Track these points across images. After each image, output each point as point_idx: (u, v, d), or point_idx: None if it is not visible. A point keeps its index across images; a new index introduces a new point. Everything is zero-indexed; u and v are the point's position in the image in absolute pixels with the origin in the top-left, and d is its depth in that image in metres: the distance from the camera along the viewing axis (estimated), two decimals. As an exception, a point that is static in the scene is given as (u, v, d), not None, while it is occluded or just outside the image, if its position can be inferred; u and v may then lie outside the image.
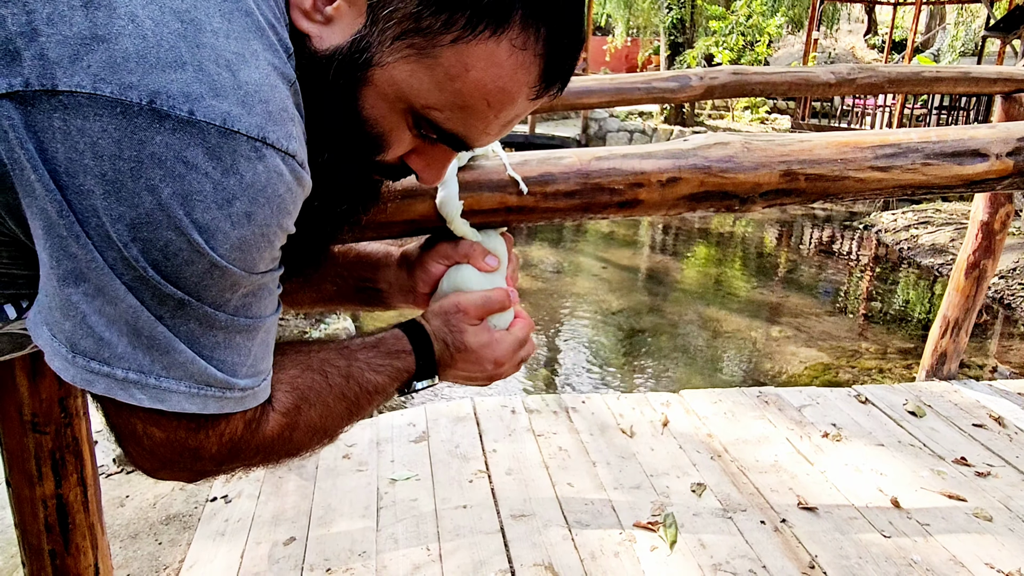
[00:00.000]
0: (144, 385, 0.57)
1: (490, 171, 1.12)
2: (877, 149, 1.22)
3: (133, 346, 0.55)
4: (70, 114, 0.48)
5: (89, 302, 0.53)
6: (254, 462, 0.70)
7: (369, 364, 0.78)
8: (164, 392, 0.57)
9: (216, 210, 0.52)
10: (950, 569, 2.05)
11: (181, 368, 0.57)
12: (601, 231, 8.85)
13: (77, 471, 1.16)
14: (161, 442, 0.62)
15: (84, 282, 0.53)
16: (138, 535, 2.25)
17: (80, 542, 1.19)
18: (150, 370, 0.56)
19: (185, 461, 0.64)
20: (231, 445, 0.65)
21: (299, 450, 0.73)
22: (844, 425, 2.82)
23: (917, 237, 8.24)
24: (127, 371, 0.56)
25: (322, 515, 2.24)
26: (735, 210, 1.25)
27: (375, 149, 0.68)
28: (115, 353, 0.55)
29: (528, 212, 1.12)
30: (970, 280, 3.08)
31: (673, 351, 5.23)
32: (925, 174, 1.22)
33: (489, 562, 2.03)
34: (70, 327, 0.54)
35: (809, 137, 1.25)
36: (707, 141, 1.23)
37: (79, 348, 0.55)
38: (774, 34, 14.74)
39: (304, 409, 0.71)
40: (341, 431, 0.78)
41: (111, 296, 0.53)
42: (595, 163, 1.16)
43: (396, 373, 0.80)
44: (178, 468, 0.65)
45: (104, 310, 0.54)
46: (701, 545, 2.12)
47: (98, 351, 0.55)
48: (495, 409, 2.88)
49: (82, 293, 0.53)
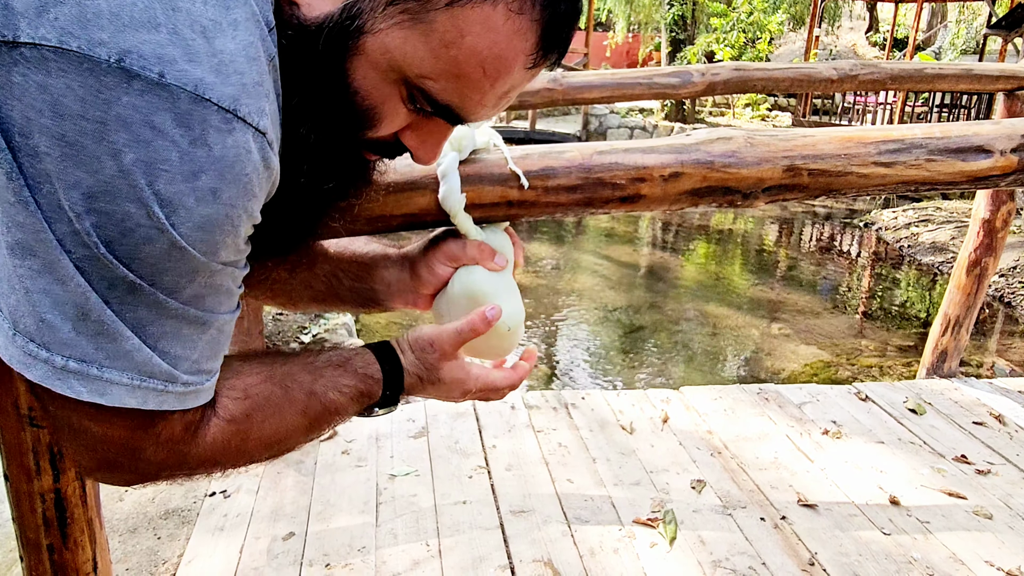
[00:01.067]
0: (85, 376, 0.53)
1: (491, 165, 1.11)
2: (880, 145, 1.21)
3: (77, 332, 0.52)
4: (31, 68, 0.45)
5: (35, 279, 0.50)
6: (198, 469, 0.66)
7: (335, 383, 0.75)
8: (105, 384, 0.54)
9: (181, 182, 0.49)
10: (950, 567, 2.05)
11: (125, 357, 0.54)
12: (601, 227, 8.84)
13: (75, 465, 1.16)
14: (98, 439, 0.58)
15: (31, 256, 0.49)
16: (137, 530, 2.25)
17: (78, 537, 1.18)
18: (93, 359, 0.53)
19: (122, 461, 0.61)
20: (169, 447, 0.62)
21: (248, 460, 0.70)
22: (844, 422, 2.82)
23: (917, 235, 8.23)
24: (67, 359, 0.52)
25: (321, 510, 2.24)
26: (738, 205, 1.24)
27: (366, 123, 0.65)
28: (57, 338, 0.51)
29: (530, 206, 1.11)
30: (971, 278, 3.08)
31: (673, 348, 5.23)
32: (929, 170, 1.22)
33: (488, 558, 2.02)
34: (14, 301, 0.51)
35: (812, 132, 1.24)
36: (710, 136, 1.22)
37: (20, 326, 0.51)
38: (775, 31, 14.71)
39: (257, 419, 0.68)
40: (296, 447, 0.76)
41: (59, 275, 0.50)
42: (597, 157, 1.15)
43: (359, 397, 0.77)
44: (115, 469, 0.62)
45: (51, 290, 0.50)
46: (701, 542, 2.12)
47: (39, 333, 0.51)
48: (494, 405, 2.87)
49: (28, 268, 0.49)
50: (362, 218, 1.01)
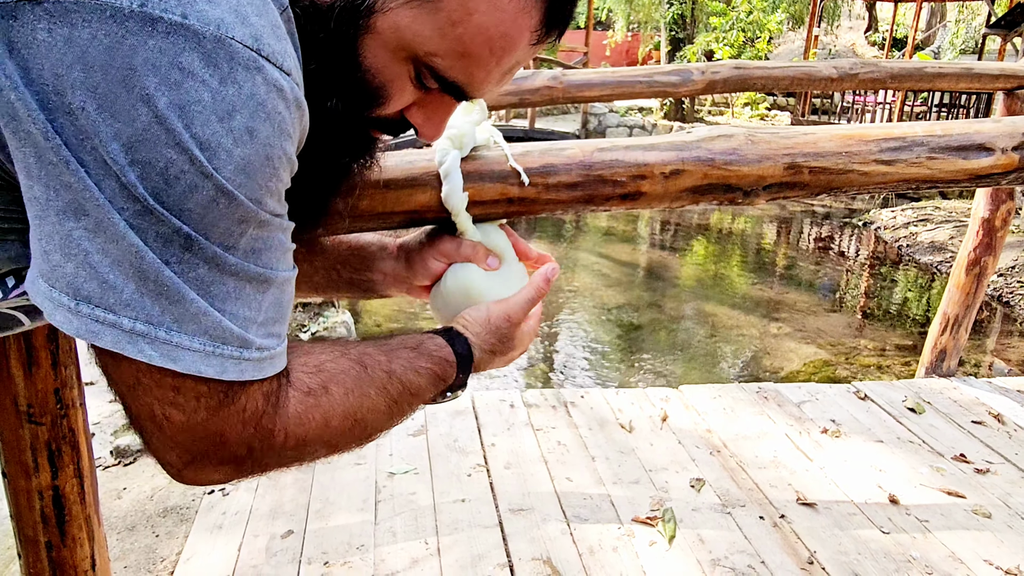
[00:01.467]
0: (154, 339, 0.51)
1: (492, 162, 1.10)
2: (882, 143, 1.21)
3: (140, 292, 0.50)
4: (56, 23, 0.45)
5: (91, 239, 0.49)
6: (284, 450, 0.62)
7: (412, 364, 0.74)
8: (176, 349, 0.52)
9: (216, 123, 0.49)
10: (949, 566, 2.05)
11: (193, 321, 0.52)
12: (600, 227, 8.84)
13: (73, 462, 1.15)
14: (181, 427, 0.55)
15: (84, 216, 0.48)
16: (135, 527, 2.24)
17: (76, 534, 1.18)
18: (160, 321, 0.51)
19: (211, 451, 0.58)
20: (256, 425, 0.58)
21: (333, 442, 0.66)
22: (843, 421, 2.82)
23: (916, 234, 8.23)
24: (135, 320, 0.50)
25: (320, 508, 2.23)
26: (738, 203, 1.24)
27: (376, 101, 0.66)
28: (121, 299, 0.50)
29: (530, 204, 1.11)
30: (971, 277, 3.08)
31: (671, 347, 5.23)
32: (930, 168, 1.21)
33: (487, 556, 2.02)
34: (72, 269, 0.49)
35: (813, 130, 1.24)
36: (711, 133, 1.22)
37: (83, 293, 0.49)
38: (774, 30, 14.72)
39: (336, 393, 0.65)
40: (381, 431, 0.72)
41: (112, 234, 0.48)
42: (598, 154, 1.14)
43: (435, 380, 0.76)
44: (204, 462, 0.58)
45: (107, 249, 0.49)
46: (700, 540, 2.12)
47: (103, 296, 0.50)
48: (494, 403, 2.87)
49: (83, 229, 0.48)
50: (365, 214, 1.01)
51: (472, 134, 1.09)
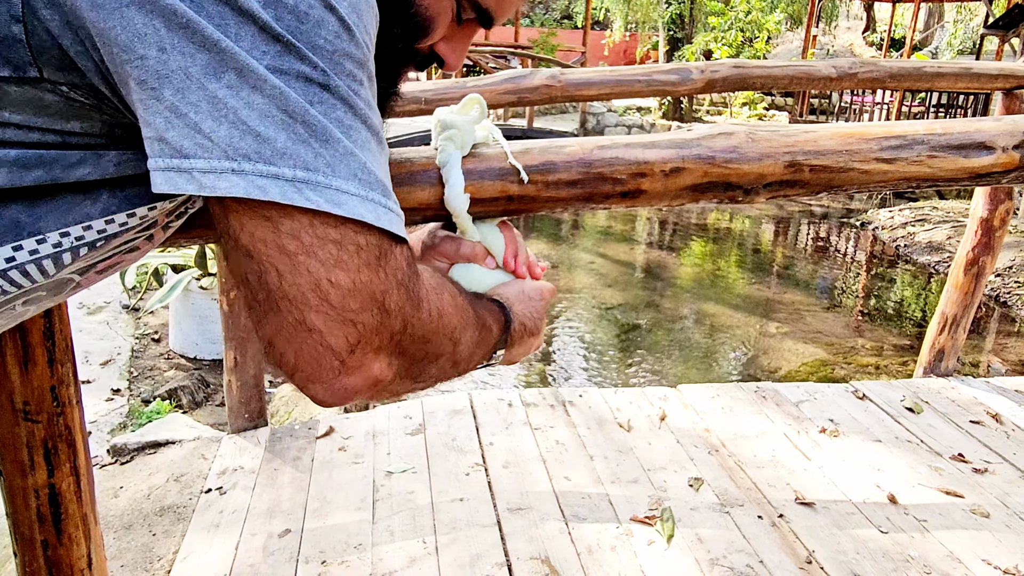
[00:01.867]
0: (316, 184, 0.50)
1: (491, 159, 1.10)
2: (882, 141, 1.20)
3: (292, 139, 0.50)
4: None
5: (235, 95, 0.49)
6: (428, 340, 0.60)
7: (483, 307, 0.75)
8: (337, 193, 0.51)
9: None
10: (947, 565, 2.05)
11: (343, 162, 0.52)
12: (598, 226, 8.83)
13: (70, 460, 1.15)
14: (349, 291, 0.52)
15: (225, 72, 0.49)
16: (132, 526, 2.24)
17: (73, 532, 1.17)
18: (314, 166, 0.50)
19: (376, 324, 0.54)
20: (407, 288, 0.56)
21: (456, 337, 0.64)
22: (842, 421, 2.82)
23: (914, 234, 8.24)
24: (294, 168, 0.50)
25: (318, 507, 2.23)
26: (738, 201, 1.24)
27: (422, 33, 0.70)
28: (277, 149, 0.50)
29: (529, 202, 1.10)
30: (969, 277, 3.08)
31: (669, 346, 5.23)
32: (931, 167, 1.21)
33: (486, 555, 2.02)
34: (226, 130, 0.49)
35: (814, 128, 1.24)
36: (711, 131, 1.22)
37: (241, 151, 0.49)
38: (773, 30, 14.73)
39: (447, 292, 0.64)
40: (466, 361, 0.69)
41: (255, 83, 0.49)
42: (598, 152, 1.14)
43: (496, 326, 0.76)
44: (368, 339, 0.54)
45: (253, 101, 0.49)
46: (698, 540, 2.11)
47: (260, 150, 0.49)
48: (492, 402, 2.86)
49: (226, 86, 0.49)
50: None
51: (472, 132, 1.09)
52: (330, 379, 0.54)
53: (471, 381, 4.44)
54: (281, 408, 3.23)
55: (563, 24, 27.38)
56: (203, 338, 3.81)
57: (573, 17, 27.90)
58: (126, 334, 4.07)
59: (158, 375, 3.68)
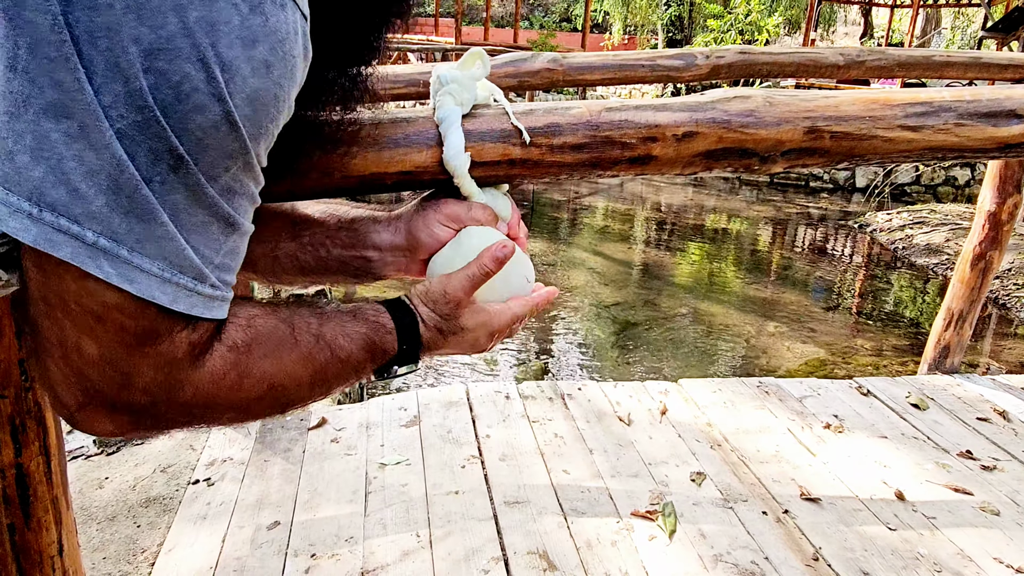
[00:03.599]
0: (115, 256, 0.48)
1: (492, 120, 1.03)
2: (907, 107, 1.14)
3: (110, 206, 0.47)
4: None
5: (69, 144, 0.45)
6: (184, 409, 0.58)
7: (343, 329, 0.68)
8: (134, 270, 0.49)
9: (240, 48, 0.48)
10: (958, 563, 1.98)
11: (156, 244, 0.49)
12: (595, 225, 8.78)
13: (39, 439, 1.07)
14: (91, 360, 0.51)
15: (67, 119, 0.45)
16: (116, 517, 2.16)
17: (42, 516, 1.10)
18: (123, 239, 0.48)
19: (112, 393, 0.53)
20: (167, 374, 0.54)
21: (247, 406, 0.62)
22: (846, 416, 2.76)
23: (912, 237, 8.21)
24: (98, 235, 0.47)
25: (308, 499, 2.15)
26: (754, 170, 1.17)
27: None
28: (88, 211, 0.47)
29: (533, 166, 1.03)
30: (975, 272, 3.02)
31: (667, 345, 5.16)
32: (957, 135, 1.15)
33: (481, 549, 1.95)
34: (41, 173, 0.46)
35: (835, 94, 1.17)
36: (726, 94, 1.15)
37: (47, 199, 0.46)
38: (772, 33, 14.71)
39: (257, 353, 0.61)
40: (301, 401, 0.66)
41: (95, 141, 0.45)
42: (606, 114, 1.07)
43: (370, 347, 0.70)
44: (103, 406, 0.54)
45: (84, 157, 0.46)
46: (701, 535, 2.04)
47: (69, 205, 0.46)
48: (489, 394, 2.79)
49: (63, 132, 0.45)
50: (354, 176, 0.93)
51: (473, 89, 1.02)
52: (67, 419, 0.55)
53: (469, 371, 4.37)
54: (272, 400, 3.15)
55: (562, 27, 27.38)
56: (194, 330, 3.74)
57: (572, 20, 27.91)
58: (115, 325, 4.00)
59: (147, 367, 3.61)
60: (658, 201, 10.47)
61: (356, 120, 0.79)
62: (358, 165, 0.93)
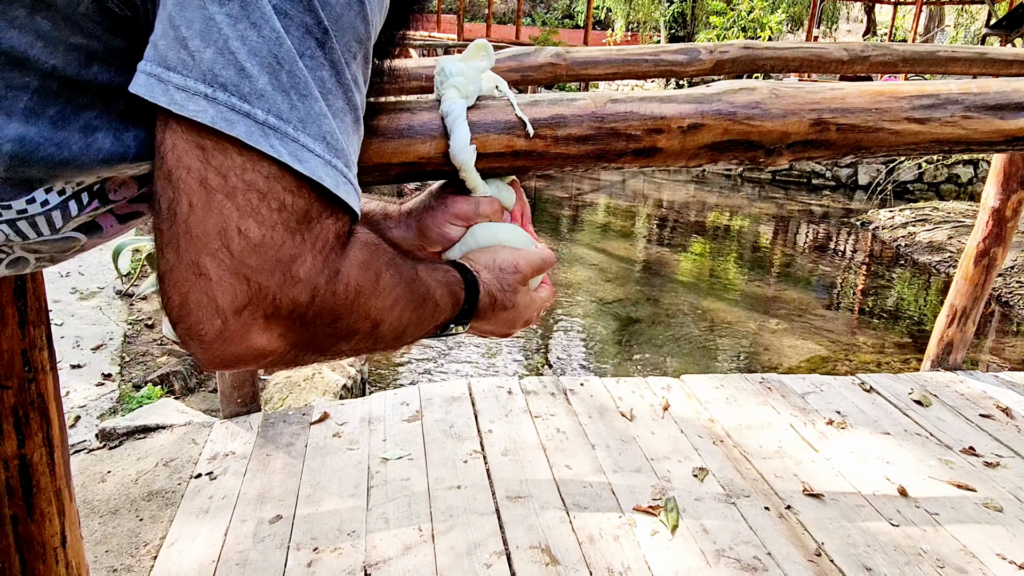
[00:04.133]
0: (283, 135, 0.48)
1: (497, 111, 1.03)
2: (914, 99, 1.13)
3: (273, 85, 0.48)
4: None
5: (233, 24, 0.47)
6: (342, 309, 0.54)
7: (432, 274, 0.67)
8: (302, 149, 0.49)
9: None
10: (961, 559, 1.98)
11: (317, 124, 0.50)
12: (597, 222, 8.77)
13: (42, 430, 1.07)
14: (255, 244, 0.48)
15: (228, 1, 0.47)
16: (118, 511, 2.16)
17: (45, 508, 1.10)
18: (288, 118, 0.48)
19: (275, 288, 0.49)
20: (324, 259, 0.52)
21: (381, 316, 0.58)
22: (849, 413, 2.75)
23: (914, 234, 8.19)
24: (267, 114, 0.48)
25: (310, 493, 2.15)
26: (760, 163, 1.17)
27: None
28: (255, 89, 0.47)
29: (537, 157, 1.03)
30: (979, 268, 3.01)
31: (669, 342, 5.16)
32: (964, 128, 1.14)
33: (484, 544, 1.94)
34: (211, 55, 0.47)
35: (841, 86, 1.17)
36: (732, 86, 1.14)
37: (220, 80, 0.47)
38: (775, 30, 14.68)
39: (383, 259, 0.59)
40: (406, 329, 0.63)
41: (256, 19, 0.47)
42: (611, 106, 1.07)
43: (449, 297, 0.69)
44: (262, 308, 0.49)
45: (247, 36, 0.47)
46: (704, 530, 2.04)
47: (239, 84, 0.47)
48: (491, 389, 2.79)
49: (225, 14, 0.47)
50: (361, 167, 0.93)
51: (478, 82, 1.01)
52: (210, 340, 0.49)
53: (469, 366, 4.37)
54: (275, 395, 3.15)
55: (564, 23, 27.33)
56: (196, 325, 3.74)
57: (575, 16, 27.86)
58: (119, 320, 3.99)
59: (150, 361, 3.60)
60: (660, 198, 10.46)
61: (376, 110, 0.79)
62: (363, 156, 0.93)
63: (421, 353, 4.55)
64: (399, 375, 4.24)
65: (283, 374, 3.31)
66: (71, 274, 4.59)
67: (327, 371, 3.26)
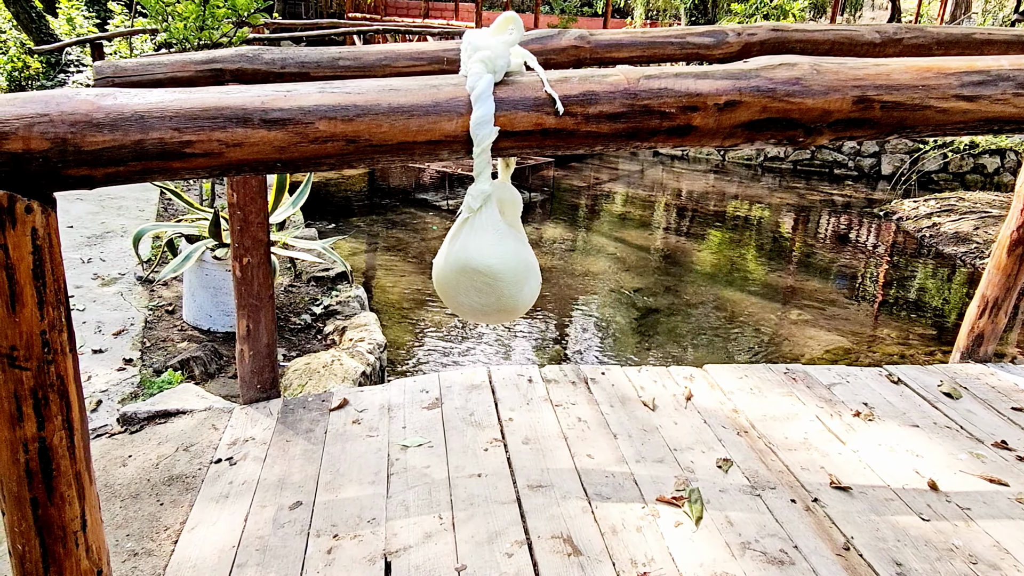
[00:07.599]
0: None
1: (526, 87, 0.99)
2: (963, 76, 1.08)
3: None
4: None
5: None
6: None
7: None
8: None
9: None
10: (994, 555, 1.93)
11: None
12: (616, 212, 8.70)
13: (62, 413, 1.05)
14: None
15: None
16: (139, 495, 2.16)
17: (65, 491, 1.08)
18: None
19: None
20: None
21: None
22: (876, 404, 2.69)
23: (939, 225, 8.04)
24: None
25: (330, 480, 2.14)
26: (798, 142, 1.12)
27: None
28: None
29: (567, 136, 0.99)
30: (1012, 258, 2.93)
31: (688, 332, 5.10)
32: (1016, 106, 1.09)
33: (505, 532, 1.92)
34: None
35: (886, 62, 1.11)
36: (771, 61, 1.10)
37: None
38: (798, 17, 14.43)
39: None
40: None
41: None
42: (644, 82, 1.02)
43: None
44: None
45: None
46: (728, 522, 2.00)
47: None
48: (511, 377, 2.76)
49: None
50: (383, 145, 0.90)
51: (506, 56, 0.98)
52: None
53: (488, 353, 4.35)
54: (295, 381, 3.14)
55: (584, 11, 27.06)
56: (217, 310, 3.74)
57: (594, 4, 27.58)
58: (140, 305, 4.00)
59: (171, 346, 3.61)
60: (679, 187, 10.35)
61: None
62: (385, 132, 0.90)
63: (440, 340, 4.53)
64: (418, 363, 4.23)
65: (302, 360, 3.30)
66: (92, 260, 4.61)
67: (346, 358, 3.25)
